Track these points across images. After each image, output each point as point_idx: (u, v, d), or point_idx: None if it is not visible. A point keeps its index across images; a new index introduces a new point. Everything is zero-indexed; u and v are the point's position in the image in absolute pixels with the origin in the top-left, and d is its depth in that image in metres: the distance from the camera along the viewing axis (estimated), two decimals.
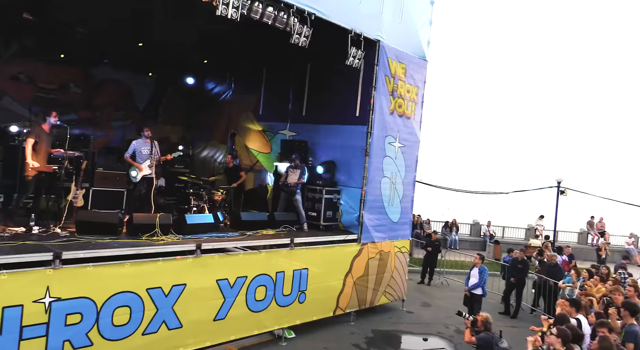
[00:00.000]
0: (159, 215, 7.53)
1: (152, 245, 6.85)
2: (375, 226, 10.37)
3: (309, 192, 10.44)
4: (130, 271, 6.41)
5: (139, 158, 8.71)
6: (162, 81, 14.45)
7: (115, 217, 7.26)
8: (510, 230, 23.03)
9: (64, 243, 6.36)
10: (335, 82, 10.73)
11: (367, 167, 10.03)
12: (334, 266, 9.56)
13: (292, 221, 9.79)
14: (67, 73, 12.42)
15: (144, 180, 8.72)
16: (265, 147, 12.57)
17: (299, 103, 11.63)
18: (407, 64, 10.80)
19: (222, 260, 7.58)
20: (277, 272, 8.43)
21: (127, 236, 7.26)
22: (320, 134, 11.03)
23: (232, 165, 10.64)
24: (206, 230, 8.26)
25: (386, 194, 10.65)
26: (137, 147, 8.72)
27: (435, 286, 14.29)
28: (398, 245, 11.18)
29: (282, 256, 8.56)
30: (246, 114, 13.22)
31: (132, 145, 8.79)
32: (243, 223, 9.00)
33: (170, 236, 7.51)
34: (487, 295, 10.28)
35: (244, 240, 8.13)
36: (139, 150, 8.73)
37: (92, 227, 7.05)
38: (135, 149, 8.74)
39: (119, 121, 13.61)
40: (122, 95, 13.65)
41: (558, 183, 17.73)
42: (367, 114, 10.05)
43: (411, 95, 11.06)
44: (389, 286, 10.93)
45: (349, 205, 10.38)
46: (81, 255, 6.02)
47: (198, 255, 7.23)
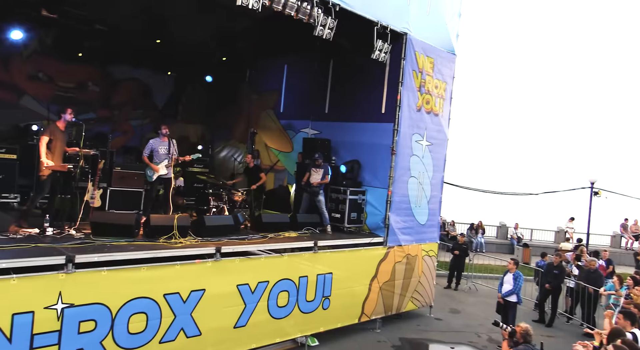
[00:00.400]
0: (177, 217, 7.18)
1: (170, 249, 6.49)
2: (402, 228, 9.87)
3: (333, 193, 10.00)
4: (146, 276, 6.06)
5: (156, 157, 8.41)
6: (182, 79, 14.20)
7: (132, 218, 6.93)
8: (539, 232, 22.22)
9: (78, 245, 6.04)
10: (360, 78, 10.28)
11: (393, 166, 9.56)
12: (359, 270, 9.11)
13: (314, 223, 9.36)
14: (86, 71, 12.23)
15: (161, 181, 8.42)
16: (287, 146, 12.17)
17: (322, 100, 11.20)
18: (435, 58, 10.28)
19: (243, 264, 7.19)
20: (300, 277, 8.02)
21: (143, 238, 6.93)
22: (344, 132, 10.58)
23: (253, 165, 10.25)
24: (226, 232, 7.88)
25: (413, 194, 10.14)
26: (154, 146, 8.42)
27: (463, 291, 13.70)
28: (425, 248, 10.66)
29: (305, 260, 8.15)
30: (266, 112, 12.86)
31: (149, 144, 8.50)
32: (264, 225, 8.60)
33: (188, 238, 7.16)
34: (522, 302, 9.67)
35: (266, 243, 7.72)
36: (156, 149, 8.42)
37: (108, 228, 6.73)
38: (152, 148, 8.44)
39: (138, 120, 13.38)
40: (141, 94, 13.42)
41: (591, 184, 16.91)
42: (393, 110, 9.57)
43: (439, 91, 10.53)
44: (416, 291, 10.42)
45: (374, 207, 9.91)
46: (95, 258, 5.69)
47: (218, 259, 6.86)
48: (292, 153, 11.98)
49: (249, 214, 9.64)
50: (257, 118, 13.11)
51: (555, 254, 11.22)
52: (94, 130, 12.12)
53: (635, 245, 21.74)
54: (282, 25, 10.99)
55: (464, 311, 11.61)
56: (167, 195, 8.59)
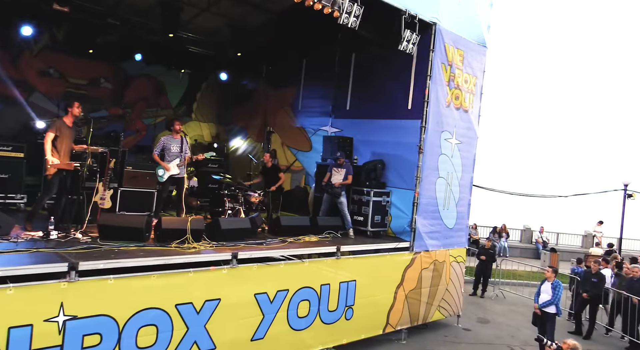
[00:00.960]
0: (190, 219, 6.65)
1: (182, 254, 5.96)
2: (429, 233, 9.23)
3: (355, 194, 9.40)
4: (157, 284, 5.54)
5: (168, 156, 7.91)
6: (196, 77, 13.76)
7: (142, 221, 6.41)
8: (565, 236, 21.31)
9: (83, 251, 5.54)
10: (384, 72, 9.69)
11: (420, 166, 8.93)
12: (384, 278, 8.49)
13: (336, 226, 8.77)
14: (98, 68, 11.86)
15: (173, 181, 7.92)
16: (305, 145, 11.62)
17: (343, 97, 10.62)
18: (465, 51, 9.63)
19: (261, 271, 6.63)
20: (321, 285, 7.43)
21: (154, 243, 6.41)
22: (367, 130, 9.98)
23: (271, 165, 9.70)
24: (242, 236, 7.34)
25: (441, 196, 9.50)
26: (166, 143, 7.93)
27: (490, 298, 12.99)
28: (453, 254, 10.00)
29: (328, 266, 7.56)
30: (284, 110, 12.32)
31: (161, 142, 8.01)
32: (283, 228, 8.04)
33: (202, 243, 6.63)
34: (562, 314, 8.95)
35: (285, 248, 7.15)
36: (168, 146, 7.92)
37: (116, 232, 6.23)
38: (164, 145, 7.95)
39: (151, 118, 12.96)
40: (154, 92, 13.00)
41: (625, 186, 16.04)
42: (420, 106, 8.96)
43: (469, 86, 9.88)
44: (443, 300, 9.76)
45: (399, 209, 9.28)
46: (101, 266, 5.17)
47: (234, 266, 6.31)
48: (311, 152, 11.43)
49: (266, 216, 9.10)
50: (274, 116, 12.57)
51: (594, 262, 10.45)
52: (106, 129, 11.76)
53: None
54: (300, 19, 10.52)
55: (493, 321, 10.91)
56: (180, 196, 8.07)
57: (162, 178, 7.95)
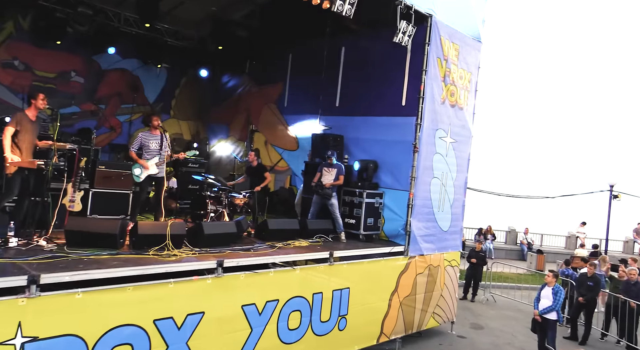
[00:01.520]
0: (170, 224, 6.01)
1: (162, 263, 5.31)
2: (423, 236, 8.77)
3: (347, 196, 8.87)
4: (132, 298, 4.89)
5: (146, 153, 7.22)
6: (175, 72, 13.05)
7: (115, 226, 5.74)
8: (549, 238, 21.23)
9: (47, 260, 4.85)
10: (376, 67, 9.19)
11: (415, 165, 8.45)
12: (378, 284, 7.99)
13: (326, 230, 8.22)
14: (68, 60, 11.06)
15: (151, 181, 7.24)
16: (292, 143, 11.04)
17: (332, 93, 10.08)
18: (460, 45, 9.22)
19: (249, 280, 6.03)
20: (314, 294, 6.87)
21: (130, 250, 5.74)
22: (358, 128, 9.47)
23: (257, 164, 9.10)
24: (227, 241, 6.73)
25: (436, 197, 9.05)
26: (145, 140, 7.22)
27: (481, 303, 12.62)
28: (448, 258, 9.56)
29: (320, 273, 7.01)
30: (268, 107, 11.72)
31: (139, 138, 7.30)
32: (271, 232, 7.45)
33: (184, 250, 5.99)
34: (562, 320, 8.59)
35: (275, 255, 6.56)
36: (147, 143, 7.22)
37: (86, 238, 5.55)
38: (142, 142, 7.24)
39: (126, 115, 12.18)
40: (130, 87, 12.22)
41: (611, 186, 15.95)
42: (415, 102, 8.49)
43: (464, 82, 9.47)
44: (437, 306, 9.31)
45: (392, 211, 8.78)
46: (67, 278, 4.50)
47: (219, 275, 5.70)
48: (298, 151, 10.85)
49: (251, 219, 8.49)
50: (258, 113, 11.96)
51: (589, 264, 10.15)
52: (77, 126, 10.97)
53: None
54: (286, 11, 9.97)
55: (487, 327, 10.51)
56: (159, 198, 7.41)
57: (138, 178, 7.23)
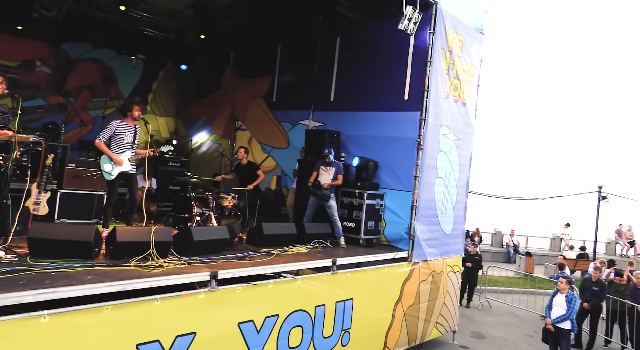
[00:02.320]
0: (155, 229, 5.17)
1: (146, 277, 4.48)
2: (427, 240, 8.14)
3: (345, 197, 8.18)
4: (111, 319, 4.06)
5: (118, 147, 6.20)
6: (152, 64, 12.12)
7: (89, 232, 4.86)
8: (534, 240, 21.03)
9: (4, 276, 3.96)
10: (375, 59, 8.55)
11: (419, 164, 7.82)
12: (382, 294, 7.32)
13: (325, 234, 7.51)
14: (33, 48, 10.02)
15: (122, 178, 6.31)
16: (281, 141, 10.27)
17: (326, 87, 9.37)
18: (464, 37, 8.66)
19: (246, 293, 5.26)
20: (316, 307, 6.14)
21: (107, 261, 4.88)
22: (354, 124, 8.79)
23: (246, 162, 8.30)
24: (219, 248, 5.94)
25: (439, 199, 8.45)
26: (119, 130, 6.17)
27: (476, 308, 12.11)
28: (450, 263, 8.97)
29: (322, 283, 6.28)
30: (255, 102, 10.92)
31: (111, 126, 6.16)
32: (265, 238, 6.67)
33: (170, 259, 5.17)
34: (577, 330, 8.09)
35: (274, 264, 5.78)
36: (120, 135, 6.18)
37: (54, 247, 4.67)
38: (115, 132, 6.16)
39: (98, 110, 11.18)
40: (102, 79, 11.23)
41: (599, 187, 15.76)
42: (419, 96, 7.86)
43: (467, 76, 8.91)
44: (440, 315, 8.70)
45: (394, 213, 8.13)
46: (29, 298, 3.64)
47: (213, 289, 4.90)
48: (288, 149, 10.09)
49: (240, 223, 7.70)
50: (244, 109, 11.15)
51: (594, 268, 9.74)
52: (43, 120, 9.95)
53: (630, 252, 20.86)
54: None
55: (488, 335, 9.97)
56: (134, 198, 6.46)
57: (110, 175, 6.23)
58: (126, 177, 6.36)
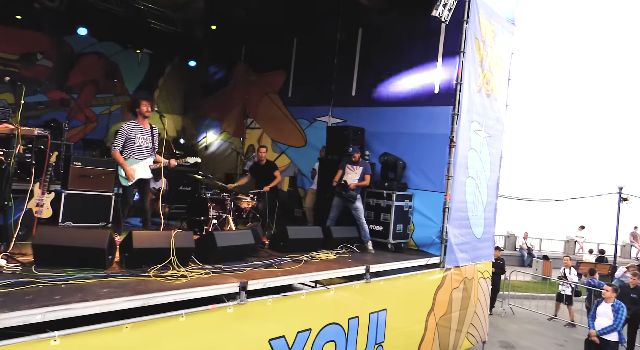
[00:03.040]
0: (175, 234, 4.59)
1: (170, 290, 3.89)
2: (459, 245, 7.58)
3: (371, 198, 7.61)
4: (132, 339, 3.49)
5: (132, 152, 5.52)
6: (158, 59, 11.54)
7: (102, 237, 4.27)
8: (548, 242, 20.49)
9: (7, 289, 3.38)
10: (402, 50, 8.00)
11: (452, 162, 7.26)
12: (414, 303, 6.75)
13: (352, 239, 6.94)
14: (34, 40, 9.43)
15: (137, 183, 5.70)
16: (298, 139, 9.69)
17: (347, 81, 8.81)
18: (496, 27, 8.12)
19: (277, 306, 4.68)
20: (349, 319, 5.57)
21: (122, 270, 4.30)
22: (379, 120, 8.23)
23: (265, 162, 7.72)
24: (243, 255, 5.37)
25: (470, 200, 7.89)
26: (130, 133, 5.49)
27: (499, 315, 11.54)
28: (481, 269, 8.42)
29: (355, 293, 5.71)
30: (269, 98, 10.34)
31: (123, 131, 5.47)
32: (291, 243, 6.09)
33: (192, 267, 4.59)
34: (625, 341, 7.52)
35: (306, 272, 5.20)
36: (132, 138, 5.50)
37: (62, 255, 4.08)
38: (127, 136, 5.48)
39: (102, 107, 10.59)
40: (107, 74, 10.65)
41: (619, 189, 15.24)
42: (451, 90, 7.32)
43: (499, 69, 8.37)
44: (471, 325, 8.14)
45: (424, 216, 7.58)
46: (37, 317, 3.06)
47: (243, 301, 4.32)
48: (305, 148, 9.51)
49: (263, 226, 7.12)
50: (257, 105, 10.56)
51: (633, 274, 9.18)
52: (45, 117, 9.37)
53: None
54: None
55: (517, 345, 9.39)
56: (144, 202, 5.85)
57: (127, 180, 5.55)
58: (140, 181, 5.75)
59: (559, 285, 11.89)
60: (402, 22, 7.93)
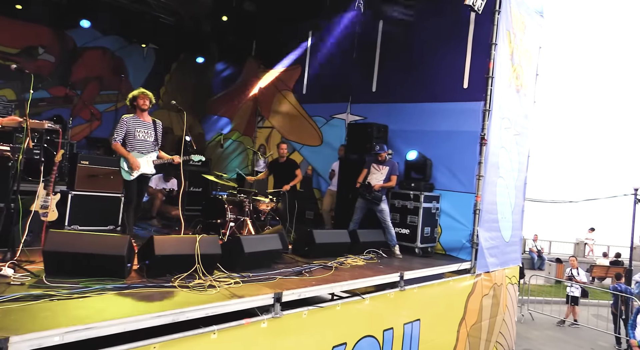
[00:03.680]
0: (200, 239, 4.13)
1: (201, 304, 3.43)
2: (489, 248, 7.15)
3: (397, 199, 7.18)
4: None
5: (132, 146, 5.23)
6: (165, 54, 11.07)
7: (121, 243, 3.81)
8: (558, 244, 20.12)
9: (19, 304, 2.92)
10: (427, 43, 7.57)
11: (483, 162, 6.84)
12: (446, 312, 6.32)
13: (379, 243, 6.50)
14: (35, 33, 8.95)
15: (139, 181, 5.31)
16: (313, 137, 9.24)
17: (366, 76, 8.37)
18: (526, 19, 7.71)
19: (312, 318, 4.23)
20: (384, 331, 5.13)
21: (143, 280, 3.83)
22: (402, 117, 7.79)
23: (286, 159, 7.28)
24: (269, 262, 4.93)
25: (500, 201, 7.47)
26: (130, 126, 5.20)
27: (518, 321, 11.08)
28: (509, 274, 8.00)
29: (389, 303, 5.27)
30: (282, 95, 9.90)
31: (122, 122, 5.20)
32: (317, 247, 5.64)
33: (218, 276, 4.14)
34: None
35: (342, 281, 4.74)
36: (133, 131, 5.21)
37: (77, 264, 3.62)
38: (127, 128, 5.20)
39: (107, 104, 10.12)
40: (112, 69, 10.17)
41: (635, 190, 14.88)
42: (481, 84, 6.90)
43: (527, 64, 7.96)
44: (500, 334, 7.72)
45: (452, 218, 7.15)
46: (56, 339, 2.60)
47: (277, 314, 3.87)
48: (321, 146, 9.07)
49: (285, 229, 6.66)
50: (269, 102, 10.11)
51: None
52: (47, 114, 8.87)
53: None
54: None
55: None
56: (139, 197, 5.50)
57: (129, 175, 5.24)
58: (141, 177, 5.35)
59: (567, 286, 11.65)
60: (428, 13, 7.51)
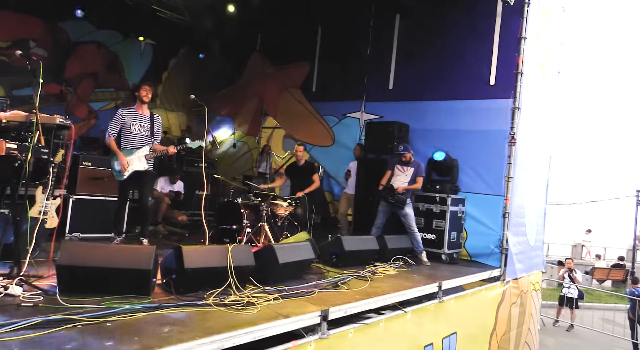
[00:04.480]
0: (232, 248, 3.65)
1: (246, 328, 2.94)
2: (517, 254, 6.78)
3: (421, 202, 6.77)
4: None
5: (127, 141, 4.96)
6: (163, 50, 10.51)
7: (147, 255, 3.31)
8: (555, 247, 19.98)
9: (36, 334, 2.40)
10: (449, 37, 7.19)
11: (512, 162, 6.48)
12: (479, 322, 5.94)
13: (405, 249, 6.08)
14: (26, 25, 8.32)
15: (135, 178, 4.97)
16: (324, 137, 8.77)
17: (382, 73, 7.95)
18: (551, 13, 7.40)
19: (357, 337, 3.78)
20: (425, 347, 4.70)
21: (171, 298, 3.33)
22: (421, 116, 7.39)
23: (304, 162, 6.82)
24: (301, 272, 4.47)
25: (527, 204, 7.12)
26: (126, 118, 4.94)
27: None
28: (533, 280, 7.66)
29: (429, 316, 4.84)
30: (289, 92, 9.41)
31: (118, 116, 4.97)
32: (346, 255, 5.19)
33: (252, 291, 3.66)
34: None
35: (384, 294, 4.28)
36: (128, 125, 4.94)
37: (95, 278, 3.11)
38: (122, 122, 4.94)
39: (103, 102, 9.52)
40: (107, 65, 9.58)
41: (637, 192, 14.78)
42: (510, 80, 6.56)
43: (551, 60, 7.65)
44: (525, 344, 7.36)
45: (479, 222, 6.76)
46: None
47: (324, 335, 3.41)
48: (333, 147, 8.62)
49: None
50: (275, 101, 9.62)
51: None
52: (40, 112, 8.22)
53: None
54: None
55: None
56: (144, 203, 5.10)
57: (121, 175, 4.91)
58: (136, 175, 4.95)
59: (562, 288, 11.47)
60: (449, 5, 7.12)
